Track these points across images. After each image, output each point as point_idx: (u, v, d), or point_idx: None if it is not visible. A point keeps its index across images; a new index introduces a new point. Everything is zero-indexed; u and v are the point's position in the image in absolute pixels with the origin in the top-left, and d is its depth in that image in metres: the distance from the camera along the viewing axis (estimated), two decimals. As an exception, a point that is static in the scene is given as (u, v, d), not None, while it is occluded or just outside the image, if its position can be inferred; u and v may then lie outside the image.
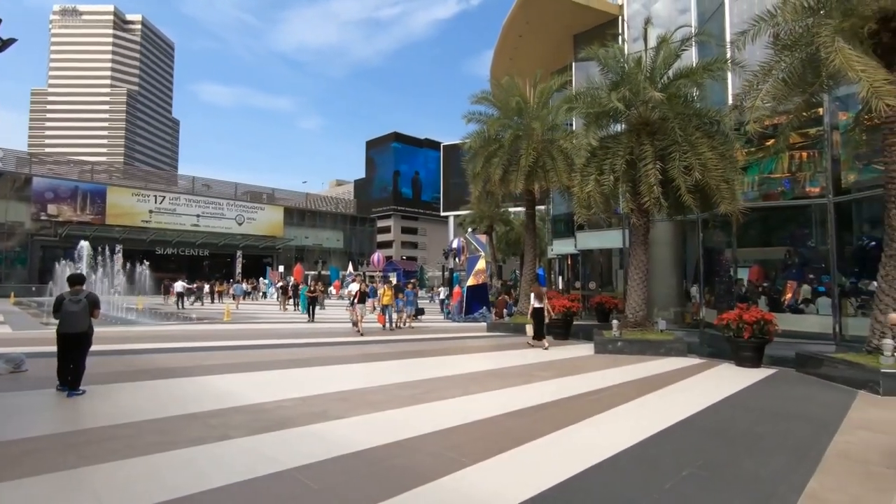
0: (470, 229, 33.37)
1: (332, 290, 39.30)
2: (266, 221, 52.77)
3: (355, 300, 13.74)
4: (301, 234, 56.87)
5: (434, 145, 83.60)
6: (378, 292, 16.42)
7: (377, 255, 46.80)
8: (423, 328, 15.02)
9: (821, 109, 12.29)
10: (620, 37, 17.44)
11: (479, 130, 15.87)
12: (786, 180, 14.07)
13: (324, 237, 59.99)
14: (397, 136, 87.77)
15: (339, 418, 5.29)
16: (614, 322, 11.70)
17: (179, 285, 25.26)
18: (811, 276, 13.74)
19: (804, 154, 13.61)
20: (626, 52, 14.47)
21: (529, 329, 11.90)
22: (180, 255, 46.14)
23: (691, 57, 13.44)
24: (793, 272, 14.34)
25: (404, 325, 16.08)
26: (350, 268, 39.68)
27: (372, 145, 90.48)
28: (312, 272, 46.53)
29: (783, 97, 9.22)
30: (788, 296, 14.10)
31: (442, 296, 26.07)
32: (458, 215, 41.78)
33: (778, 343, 9.96)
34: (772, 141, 12.23)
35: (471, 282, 18.53)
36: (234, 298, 28.43)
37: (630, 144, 10.97)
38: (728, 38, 11.79)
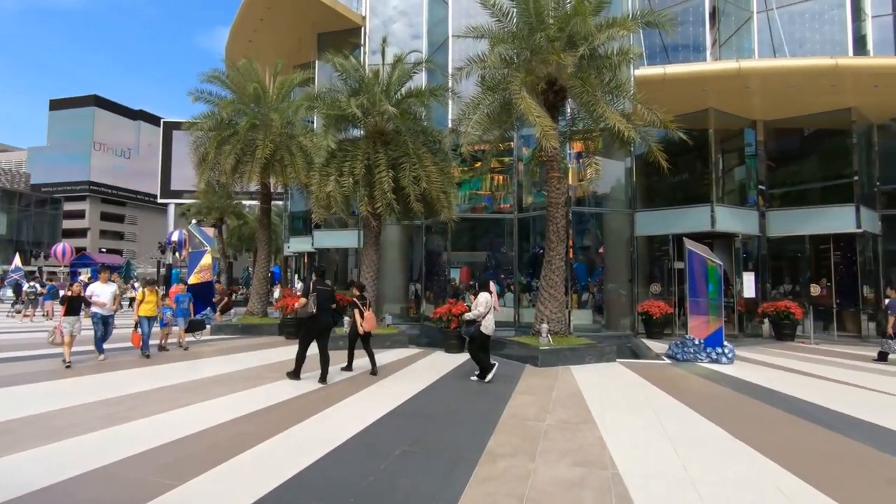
0: (194, 220, 29.64)
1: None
2: None
3: (60, 311, 9.01)
4: (-72, 212, 40.62)
5: (152, 119, 71.07)
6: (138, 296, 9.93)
7: (62, 246, 37.01)
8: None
9: (512, 143, 15.48)
10: (362, 47, 18.27)
11: (209, 112, 14.26)
12: (488, 197, 17.19)
13: (-28, 219, 44.31)
14: (98, 101, 71.08)
15: (-16, 460, 3.99)
16: (346, 319, 12.15)
17: None
18: (503, 275, 17.11)
19: (501, 177, 16.87)
20: (366, 62, 15.25)
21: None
22: None
23: (422, 80, 15.08)
24: (491, 272, 17.59)
25: (179, 345, 10.97)
26: (17, 261, 30.19)
27: (60, 106, 70.96)
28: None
29: (487, 129, 11.23)
30: (487, 292, 17.23)
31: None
32: (180, 204, 36.51)
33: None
34: (479, 163, 14.72)
35: (193, 279, 16.45)
36: None
37: (367, 151, 11.60)
38: (450, 70, 13.68)
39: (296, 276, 23.84)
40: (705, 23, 14.58)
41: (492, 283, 8.45)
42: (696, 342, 9.88)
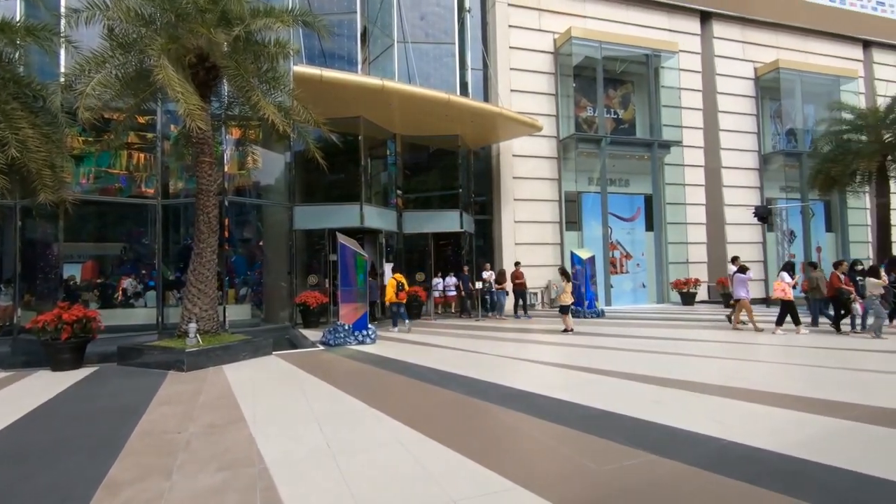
0: None
1: None
2: None
3: None
4: None
5: None
6: None
7: None
8: None
9: (156, 117, 13.35)
10: None
11: None
12: (123, 177, 14.31)
13: None
14: None
15: None
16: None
17: None
18: (144, 271, 14.61)
19: (142, 156, 14.33)
20: None
21: None
22: None
23: (15, 10, 11.24)
24: (128, 267, 14.75)
25: None
26: None
27: None
28: None
29: (119, 94, 9.31)
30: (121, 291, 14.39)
31: None
32: None
33: (108, 339, 9.93)
34: (109, 135, 12.06)
35: None
36: None
37: None
38: (63, 9, 10.67)
39: None
40: (357, 40, 16.15)
41: None
42: (346, 328, 10.88)
